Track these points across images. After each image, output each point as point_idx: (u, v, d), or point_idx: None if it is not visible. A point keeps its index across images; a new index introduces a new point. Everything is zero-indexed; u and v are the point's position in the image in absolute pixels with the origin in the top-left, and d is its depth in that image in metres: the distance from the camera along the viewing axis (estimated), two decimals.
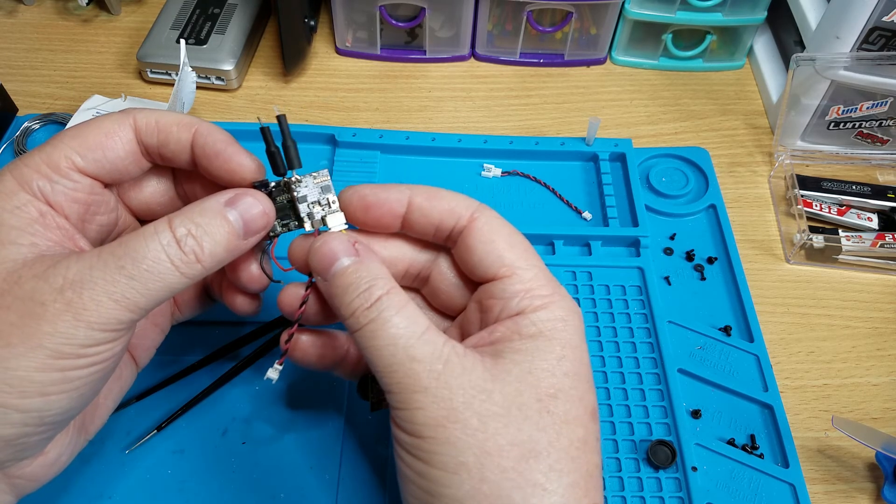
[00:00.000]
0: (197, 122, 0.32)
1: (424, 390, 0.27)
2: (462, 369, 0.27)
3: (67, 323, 0.26)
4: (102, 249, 0.27)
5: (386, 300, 0.28)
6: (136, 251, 0.27)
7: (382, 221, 0.32)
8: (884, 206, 0.53)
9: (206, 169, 0.32)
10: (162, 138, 0.31)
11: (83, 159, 0.30)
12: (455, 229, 0.32)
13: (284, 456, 0.40)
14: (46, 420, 0.27)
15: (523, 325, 0.29)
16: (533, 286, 0.30)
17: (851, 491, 0.41)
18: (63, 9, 0.65)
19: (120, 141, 0.31)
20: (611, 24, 0.61)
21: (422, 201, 0.32)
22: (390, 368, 0.28)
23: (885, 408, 0.45)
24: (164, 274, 0.28)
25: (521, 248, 0.31)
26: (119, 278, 0.27)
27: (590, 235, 0.50)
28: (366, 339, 0.28)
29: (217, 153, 0.31)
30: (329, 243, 0.30)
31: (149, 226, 0.28)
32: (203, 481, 0.39)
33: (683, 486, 0.40)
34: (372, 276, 0.29)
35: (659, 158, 0.56)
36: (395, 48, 0.63)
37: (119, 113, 0.31)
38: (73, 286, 0.26)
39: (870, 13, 0.49)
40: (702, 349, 0.46)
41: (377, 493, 0.39)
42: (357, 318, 0.29)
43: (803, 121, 0.55)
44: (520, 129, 0.59)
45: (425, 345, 0.28)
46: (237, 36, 0.60)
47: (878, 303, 0.49)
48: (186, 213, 0.29)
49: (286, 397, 0.42)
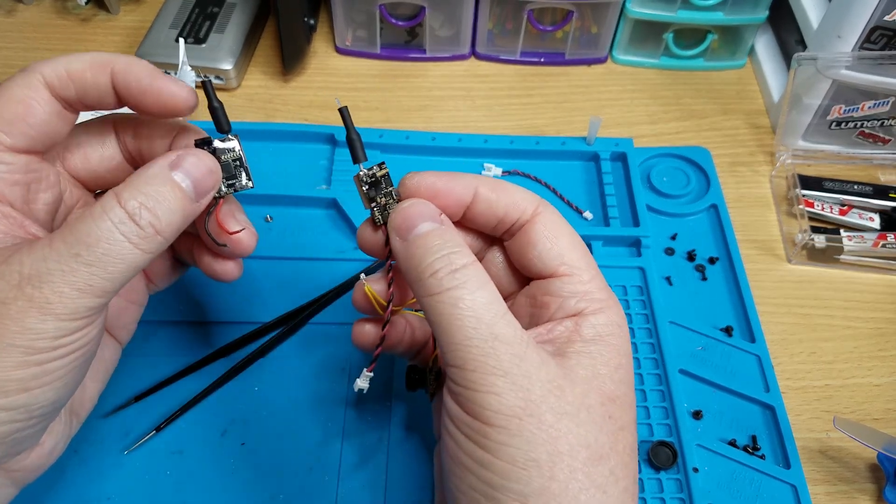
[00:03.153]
0: (111, 58, 0.29)
1: (505, 374, 0.26)
2: (540, 361, 0.27)
3: (34, 318, 0.25)
4: (53, 238, 0.26)
5: (471, 270, 0.27)
6: (89, 235, 0.26)
7: (448, 210, 0.31)
8: (885, 205, 0.53)
9: (136, 107, 0.30)
10: (79, 88, 0.29)
11: (9, 136, 0.28)
12: (518, 223, 0.31)
13: (284, 457, 0.40)
14: (35, 414, 0.27)
15: (583, 326, 0.29)
16: (591, 289, 0.30)
17: (853, 492, 0.41)
18: (62, 8, 0.65)
19: (38, 104, 0.28)
20: (612, 23, 0.61)
21: (488, 192, 0.31)
22: (469, 342, 0.26)
23: (886, 408, 0.45)
24: (123, 254, 0.26)
25: (582, 251, 0.31)
26: (77, 266, 0.25)
27: (591, 235, 0.50)
28: (445, 305, 0.27)
29: (143, 89, 0.29)
30: (417, 205, 0.30)
31: (95, 206, 0.27)
32: (202, 482, 0.39)
33: (685, 487, 0.40)
34: (457, 243, 0.28)
35: (660, 158, 0.56)
36: (395, 47, 0.63)
37: (23, 72, 0.29)
38: (30, 280, 0.25)
39: (871, 12, 0.48)
40: (703, 350, 0.46)
41: (377, 494, 0.39)
42: (440, 279, 0.27)
43: (805, 120, 0.55)
44: (520, 129, 0.58)
45: (508, 326, 0.27)
46: (236, 35, 0.60)
47: (879, 303, 0.49)
48: (133, 184, 0.27)
49: (286, 398, 0.42)
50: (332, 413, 0.42)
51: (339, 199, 0.51)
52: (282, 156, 0.54)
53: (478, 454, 0.26)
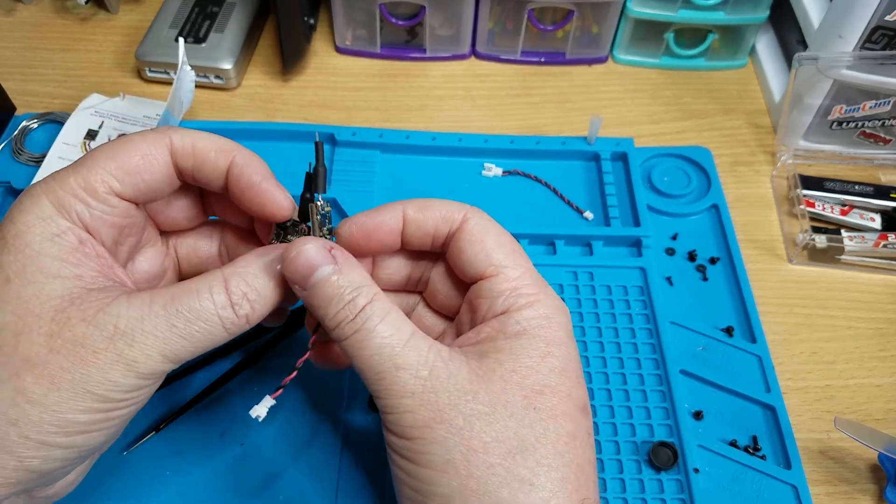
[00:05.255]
0: (235, 149, 0.31)
1: (412, 395, 0.27)
2: (448, 373, 0.28)
3: (118, 373, 0.26)
4: (153, 300, 0.27)
5: (370, 309, 0.28)
6: (190, 311, 0.27)
7: (385, 243, 0.32)
8: (886, 206, 0.52)
9: (237, 198, 0.32)
10: (198, 163, 0.31)
11: (121, 184, 0.29)
12: (449, 234, 0.32)
13: (283, 458, 0.40)
14: (82, 454, 0.28)
15: (508, 323, 0.29)
16: (519, 285, 0.30)
17: (854, 492, 0.41)
18: (61, 7, 0.65)
19: (157, 164, 0.30)
20: (612, 22, 0.61)
21: (415, 213, 0.32)
22: (378, 376, 0.28)
23: (888, 409, 0.44)
24: (213, 333, 0.28)
25: (509, 249, 0.31)
26: (171, 336, 0.27)
27: (591, 235, 0.50)
28: (352, 349, 0.28)
29: (252, 185, 0.31)
30: (305, 252, 0.29)
31: (202, 282, 0.28)
32: (202, 482, 0.39)
33: (685, 488, 0.40)
34: (354, 284, 0.29)
35: (661, 158, 0.56)
36: (395, 46, 0.63)
37: (154, 132, 0.30)
38: (123, 337, 0.26)
39: (872, 12, 0.48)
40: (704, 350, 0.46)
41: (377, 495, 0.39)
42: (343, 329, 0.29)
43: (806, 120, 0.55)
44: (521, 129, 0.58)
45: (411, 351, 0.28)
46: (236, 34, 0.59)
47: (880, 303, 0.49)
48: (240, 273, 0.29)
49: (285, 399, 0.42)
50: (331, 413, 0.42)
51: (338, 198, 0.50)
52: (282, 156, 0.54)
53: (406, 466, 0.28)
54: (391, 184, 0.53)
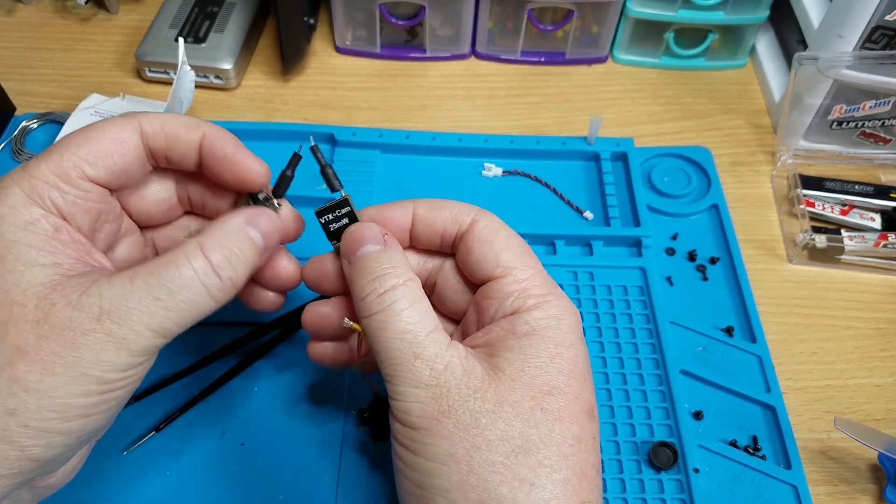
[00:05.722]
0: (204, 124, 0.32)
1: (425, 386, 0.28)
2: (462, 370, 0.28)
3: (110, 352, 0.26)
4: (134, 276, 0.27)
5: (401, 290, 0.29)
6: (172, 281, 0.27)
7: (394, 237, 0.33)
8: (887, 205, 0.52)
9: (212, 172, 0.32)
10: (169, 142, 0.31)
11: (93, 167, 0.29)
12: (458, 235, 0.32)
13: (283, 457, 0.40)
14: (82, 439, 0.28)
15: (517, 324, 0.29)
16: (528, 286, 0.30)
17: (854, 492, 0.41)
18: (61, 7, 0.65)
19: (128, 147, 0.30)
20: (612, 22, 0.61)
21: (425, 212, 0.33)
22: (396, 361, 0.28)
23: (888, 409, 0.44)
24: (200, 302, 0.28)
25: (519, 250, 0.32)
26: (156, 310, 0.27)
27: (591, 235, 0.50)
28: (375, 329, 0.29)
29: (225, 157, 0.31)
30: (361, 229, 0.31)
31: (179, 253, 0.28)
32: (202, 483, 0.39)
33: (685, 488, 0.40)
34: (392, 263, 0.30)
35: (661, 158, 0.56)
36: (395, 46, 0.63)
37: (123, 117, 0.31)
38: (110, 316, 0.26)
39: (872, 12, 0.48)
40: (704, 350, 0.46)
41: (377, 495, 0.39)
42: (369, 303, 0.29)
43: (806, 120, 0.55)
44: (521, 129, 0.58)
45: (432, 343, 0.28)
46: (236, 34, 0.59)
47: (881, 303, 0.49)
48: (214, 237, 0.29)
49: (285, 398, 0.42)
50: (331, 413, 0.42)
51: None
52: (282, 156, 0.53)
53: (409, 458, 0.28)
54: (391, 184, 0.53)
